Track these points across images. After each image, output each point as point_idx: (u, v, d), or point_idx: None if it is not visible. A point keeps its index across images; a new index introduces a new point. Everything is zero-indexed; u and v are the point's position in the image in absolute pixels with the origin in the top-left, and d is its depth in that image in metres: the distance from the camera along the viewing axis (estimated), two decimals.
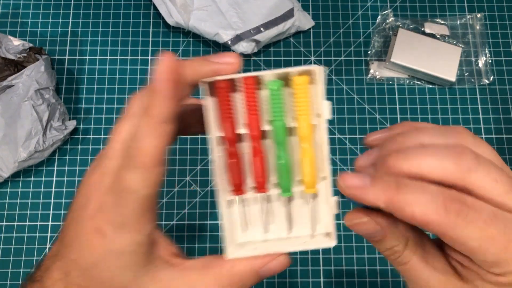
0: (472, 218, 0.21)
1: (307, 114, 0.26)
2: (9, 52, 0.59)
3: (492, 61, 0.65)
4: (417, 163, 0.22)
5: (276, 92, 0.26)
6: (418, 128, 0.25)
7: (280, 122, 0.27)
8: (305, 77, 0.26)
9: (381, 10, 0.67)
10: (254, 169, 0.28)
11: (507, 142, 0.61)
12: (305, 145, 0.27)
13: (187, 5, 0.62)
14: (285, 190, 0.28)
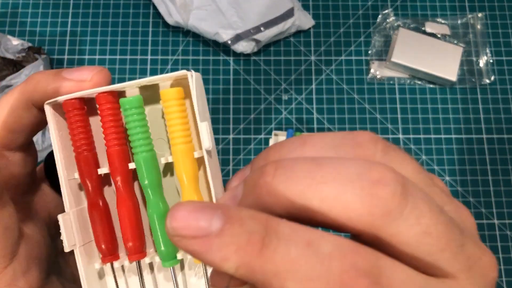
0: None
1: (185, 142, 0.19)
2: (8, 51, 0.59)
3: (493, 60, 0.64)
4: (303, 190, 0.13)
5: (134, 111, 0.19)
6: (304, 137, 0.15)
7: (146, 153, 0.19)
8: (177, 89, 0.19)
9: (381, 9, 0.66)
10: (122, 226, 0.20)
11: (508, 142, 0.61)
12: (187, 187, 0.19)
13: (186, 4, 0.62)
14: (166, 258, 0.20)
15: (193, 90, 0.18)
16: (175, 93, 0.18)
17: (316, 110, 0.62)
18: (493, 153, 0.61)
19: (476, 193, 0.59)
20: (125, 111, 0.19)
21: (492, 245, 0.57)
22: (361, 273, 0.12)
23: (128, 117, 0.19)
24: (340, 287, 0.12)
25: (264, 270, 0.12)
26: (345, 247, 0.12)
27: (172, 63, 0.64)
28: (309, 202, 0.13)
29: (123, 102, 0.19)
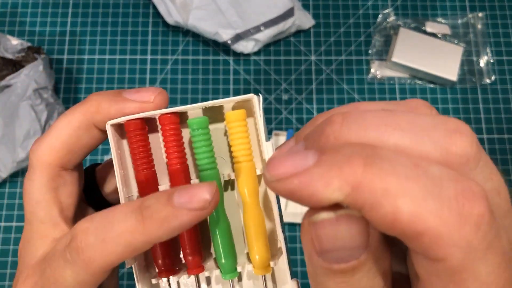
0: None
1: (247, 160, 0.20)
2: (7, 51, 0.59)
3: (493, 60, 0.64)
4: (377, 136, 0.13)
5: (201, 132, 0.20)
6: (353, 104, 0.16)
7: (211, 171, 0.20)
8: (242, 111, 0.20)
9: (382, 9, 0.66)
10: (181, 241, 0.21)
11: (509, 142, 0.61)
12: (250, 204, 0.20)
13: (186, 4, 0.61)
14: (226, 271, 0.20)
15: (259, 113, 0.19)
16: (240, 115, 0.19)
17: (316, 110, 0.62)
18: (493, 153, 0.61)
19: None
20: (193, 131, 0.20)
21: None
22: (479, 195, 0.11)
23: (195, 137, 0.20)
24: (457, 207, 0.11)
25: (372, 188, 0.11)
26: (452, 173, 0.12)
27: (172, 63, 0.64)
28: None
29: (192, 123, 0.20)
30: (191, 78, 0.63)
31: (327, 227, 0.12)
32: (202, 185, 0.16)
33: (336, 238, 0.12)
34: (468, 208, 0.11)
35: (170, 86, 0.63)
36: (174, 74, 0.64)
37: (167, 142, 0.20)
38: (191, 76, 0.63)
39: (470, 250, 0.11)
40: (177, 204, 0.16)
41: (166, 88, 0.63)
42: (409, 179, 0.11)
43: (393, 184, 0.11)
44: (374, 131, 0.12)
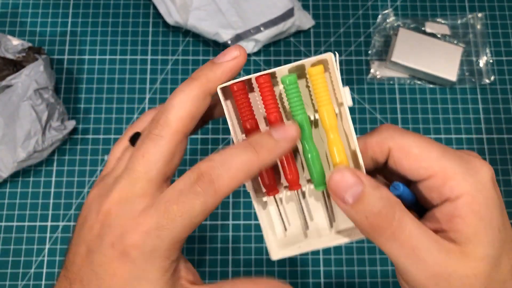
0: None
1: (329, 103, 0.26)
2: (8, 51, 0.59)
3: (493, 60, 0.64)
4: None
5: (292, 86, 0.26)
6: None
7: (302, 115, 0.26)
8: (320, 66, 0.26)
9: (381, 9, 0.66)
10: (284, 166, 0.27)
11: (508, 142, 0.61)
12: (333, 135, 0.26)
13: (186, 4, 0.62)
14: (318, 184, 0.27)
15: (336, 66, 0.25)
16: (320, 69, 0.26)
17: None
18: (493, 153, 0.61)
19: None
20: (286, 85, 0.26)
21: None
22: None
23: (288, 90, 0.26)
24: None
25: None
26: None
27: (172, 63, 0.64)
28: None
29: (284, 79, 0.26)
30: None
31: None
32: (289, 124, 0.24)
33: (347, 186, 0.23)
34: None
35: (170, 86, 0.63)
36: (175, 74, 0.64)
37: (264, 96, 0.26)
38: None
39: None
40: (276, 137, 0.23)
41: (167, 88, 0.63)
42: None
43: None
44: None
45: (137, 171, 0.23)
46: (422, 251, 0.22)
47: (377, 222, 0.23)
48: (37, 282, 0.56)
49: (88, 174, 0.60)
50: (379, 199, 0.23)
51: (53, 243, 0.57)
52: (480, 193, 0.23)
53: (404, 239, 0.23)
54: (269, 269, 0.57)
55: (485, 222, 0.23)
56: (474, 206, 0.23)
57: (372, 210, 0.23)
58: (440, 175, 0.24)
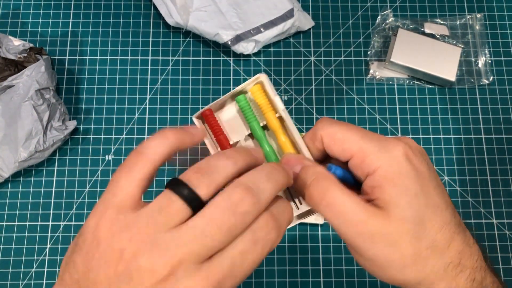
0: None
1: (270, 111, 0.33)
2: (9, 52, 0.60)
3: (491, 61, 0.65)
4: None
5: (244, 103, 0.33)
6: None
7: (254, 122, 0.33)
8: (257, 85, 0.33)
9: (381, 10, 0.67)
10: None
11: (507, 142, 0.62)
12: (278, 133, 0.33)
13: (187, 5, 0.62)
14: None
15: (267, 82, 0.33)
16: (258, 87, 0.33)
17: (316, 110, 0.63)
18: (491, 153, 0.61)
19: (475, 192, 0.60)
20: (240, 103, 0.33)
21: (490, 244, 0.58)
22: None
23: (242, 107, 0.33)
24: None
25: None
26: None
27: (172, 64, 0.64)
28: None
29: (238, 99, 0.33)
30: (191, 79, 0.64)
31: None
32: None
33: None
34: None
35: (171, 86, 0.64)
36: (175, 75, 0.64)
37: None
38: (191, 76, 0.64)
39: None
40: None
41: (167, 88, 0.63)
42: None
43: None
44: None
45: (215, 241, 0.24)
46: (349, 213, 0.27)
47: (309, 191, 0.28)
48: (38, 282, 0.56)
49: (89, 174, 0.60)
50: (312, 173, 0.29)
51: (54, 243, 0.57)
52: (392, 165, 0.28)
53: (332, 204, 0.27)
54: (269, 268, 0.57)
55: (399, 188, 0.27)
56: (388, 175, 0.27)
57: (306, 181, 0.29)
58: (359, 154, 0.29)
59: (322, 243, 0.58)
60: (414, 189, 0.27)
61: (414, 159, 0.28)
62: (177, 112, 0.63)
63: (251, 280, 0.56)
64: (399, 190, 0.27)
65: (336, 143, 0.29)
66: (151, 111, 0.62)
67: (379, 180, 0.27)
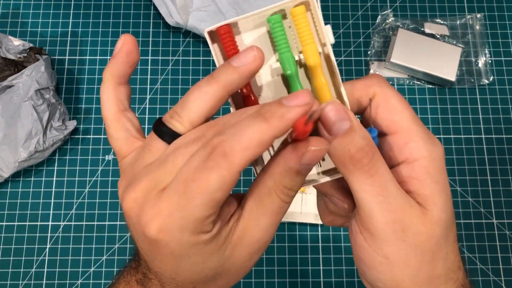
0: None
1: (312, 42, 0.26)
2: (9, 52, 0.59)
3: (491, 61, 0.65)
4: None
5: (278, 25, 0.26)
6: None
7: (288, 53, 0.26)
8: (301, 6, 0.26)
9: (381, 10, 0.67)
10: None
11: (507, 142, 0.62)
12: (318, 73, 0.26)
13: (187, 5, 0.62)
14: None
15: (317, 5, 0.26)
16: (302, 9, 0.26)
17: None
18: (491, 153, 0.61)
19: (475, 192, 0.60)
20: (272, 25, 0.26)
21: (491, 244, 0.58)
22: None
23: (274, 29, 0.26)
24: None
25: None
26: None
27: (172, 64, 0.64)
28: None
29: (269, 19, 0.26)
30: (191, 79, 0.64)
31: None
32: (301, 90, 0.23)
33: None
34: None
35: (171, 86, 0.63)
36: (175, 75, 0.64)
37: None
38: (191, 76, 0.64)
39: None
40: (287, 104, 0.22)
41: (167, 88, 0.63)
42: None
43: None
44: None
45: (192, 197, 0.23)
46: (390, 194, 0.24)
47: (358, 156, 0.24)
48: (38, 282, 0.56)
49: (89, 174, 0.60)
50: (363, 137, 0.24)
51: (54, 243, 0.57)
52: (436, 160, 0.25)
53: (377, 178, 0.24)
54: (269, 268, 0.57)
55: (440, 187, 0.25)
56: (430, 170, 0.25)
57: (357, 145, 0.24)
58: (404, 134, 0.25)
59: (322, 243, 0.58)
60: (448, 192, 0.25)
61: (444, 162, 0.26)
62: None
63: (251, 280, 0.56)
64: (440, 189, 0.25)
65: (388, 108, 0.26)
66: (151, 111, 0.62)
67: (421, 172, 0.25)
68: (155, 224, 0.22)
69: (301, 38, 0.26)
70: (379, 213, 0.24)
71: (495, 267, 0.57)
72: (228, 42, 0.26)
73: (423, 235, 0.24)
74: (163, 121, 0.24)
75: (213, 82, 0.24)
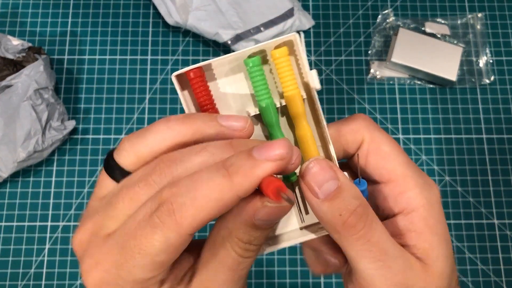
0: None
1: (295, 88, 0.23)
2: (8, 51, 0.59)
3: (493, 60, 0.64)
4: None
5: (256, 68, 0.23)
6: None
7: (268, 100, 0.23)
8: (284, 48, 0.23)
9: (381, 9, 0.66)
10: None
11: (508, 142, 0.61)
12: (301, 123, 0.24)
13: (186, 4, 0.62)
14: (291, 175, 0.25)
15: (302, 47, 0.23)
16: (284, 51, 0.23)
17: None
18: (493, 153, 0.61)
19: (476, 193, 0.59)
20: (250, 68, 0.23)
21: (492, 245, 0.57)
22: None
23: (252, 73, 0.23)
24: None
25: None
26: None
27: (172, 63, 0.64)
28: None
29: (247, 62, 0.23)
30: None
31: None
32: (278, 140, 0.19)
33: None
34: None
35: (170, 86, 0.63)
36: None
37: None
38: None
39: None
40: (257, 157, 0.18)
41: (167, 88, 0.63)
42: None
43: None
44: None
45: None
46: (390, 257, 0.22)
47: (351, 221, 0.21)
48: (37, 282, 0.56)
49: (88, 174, 0.60)
50: (354, 197, 0.21)
51: (53, 243, 0.57)
52: (434, 208, 0.23)
53: (374, 242, 0.21)
54: (269, 269, 0.57)
55: (439, 238, 0.23)
56: (429, 221, 0.23)
57: (348, 208, 0.21)
58: (400, 182, 0.23)
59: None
60: (448, 239, 0.23)
61: (441, 205, 0.24)
62: (176, 112, 0.62)
63: (251, 281, 0.56)
64: (439, 241, 0.23)
65: (379, 155, 0.23)
66: (151, 111, 0.62)
67: (419, 224, 0.23)
68: (92, 276, 0.20)
69: (283, 84, 0.24)
70: (380, 280, 0.22)
71: (496, 267, 0.57)
72: (199, 88, 0.23)
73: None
74: (114, 154, 0.21)
75: (187, 122, 0.21)
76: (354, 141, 0.24)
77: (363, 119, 0.24)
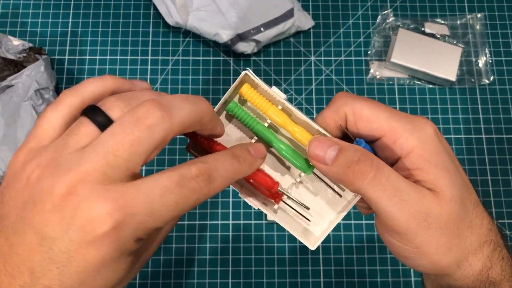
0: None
1: (270, 106, 0.29)
2: (9, 52, 0.59)
3: (492, 61, 0.65)
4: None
5: (237, 109, 0.29)
6: None
7: (258, 125, 0.29)
8: (246, 85, 0.29)
9: (381, 10, 0.67)
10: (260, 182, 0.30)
11: (507, 142, 0.61)
12: (290, 127, 0.29)
13: (186, 5, 0.62)
14: (305, 169, 0.29)
15: (254, 76, 0.29)
16: (247, 87, 0.29)
17: (316, 110, 0.62)
18: (492, 153, 0.61)
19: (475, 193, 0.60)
20: (232, 111, 0.29)
21: None
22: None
23: (236, 113, 0.29)
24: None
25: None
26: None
27: (172, 64, 0.64)
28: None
29: (228, 108, 0.29)
30: (191, 79, 0.64)
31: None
32: (258, 143, 0.27)
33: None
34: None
35: (170, 86, 0.63)
36: (175, 75, 0.64)
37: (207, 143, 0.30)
38: (191, 76, 0.64)
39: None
40: (254, 155, 0.26)
41: (167, 88, 0.63)
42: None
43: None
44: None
45: (118, 158, 0.21)
46: (403, 192, 0.25)
47: (359, 168, 0.25)
48: None
49: None
50: (355, 151, 0.26)
51: None
52: (427, 144, 0.26)
53: (385, 181, 0.25)
54: (269, 269, 0.57)
55: (440, 168, 0.26)
56: (426, 155, 0.26)
57: (353, 159, 0.25)
58: (389, 134, 0.26)
59: (322, 243, 0.58)
60: (451, 167, 0.26)
61: (441, 137, 0.27)
62: None
63: (251, 281, 0.56)
64: (442, 170, 0.26)
65: (363, 121, 0.27)
66: None
67: (418, 161, 0.26)
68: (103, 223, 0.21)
69: (260, 108, 0.29)
70: (399, 213, 0.25)
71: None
72: (203, 142, 0.29)
73: (444, 216, 0.25)
74: (97, 105, 0.22)
75: (198, 101, 0.24)
76: (340, 118, 0.28)
77: (339, 97, 0.28)
